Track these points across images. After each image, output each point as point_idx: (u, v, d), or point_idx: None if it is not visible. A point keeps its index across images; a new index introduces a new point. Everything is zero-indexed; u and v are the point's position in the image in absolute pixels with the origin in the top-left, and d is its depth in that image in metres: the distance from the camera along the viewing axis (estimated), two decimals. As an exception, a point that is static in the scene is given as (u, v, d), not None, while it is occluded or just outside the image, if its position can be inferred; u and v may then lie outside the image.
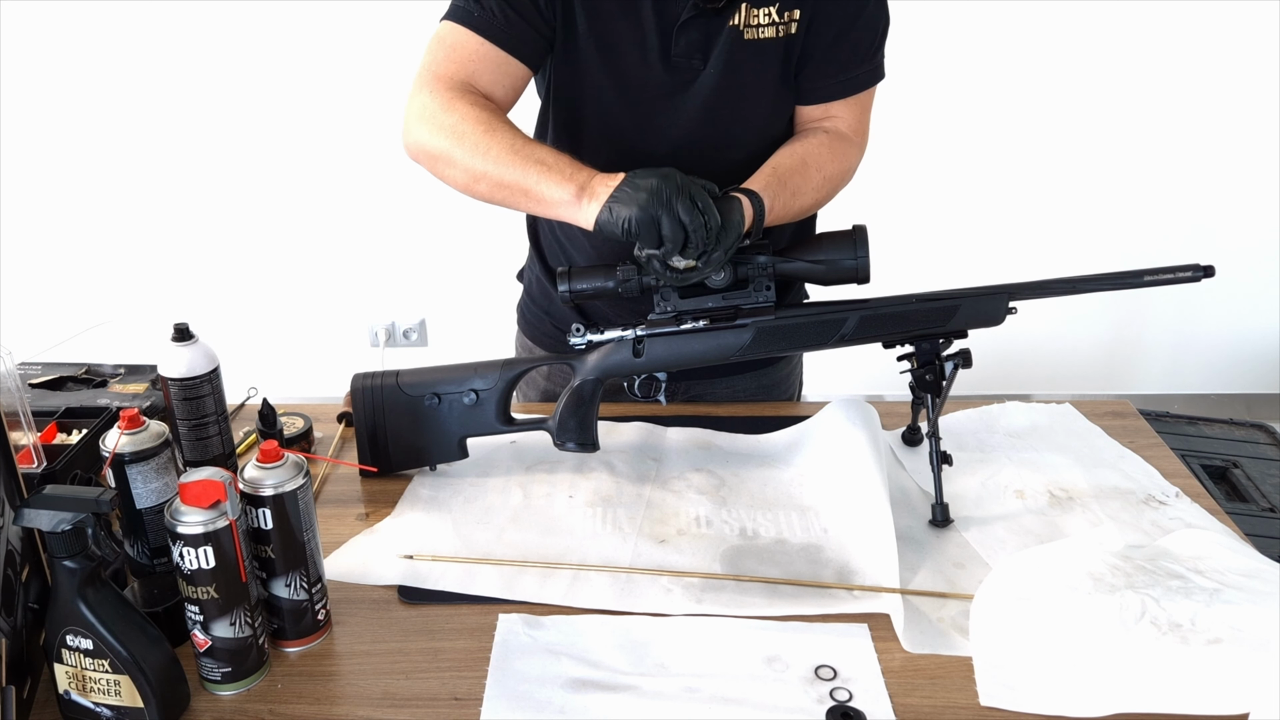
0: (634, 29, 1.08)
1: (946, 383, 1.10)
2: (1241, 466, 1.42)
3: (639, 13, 1.07)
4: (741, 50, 1.08)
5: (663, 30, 1.08)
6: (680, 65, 1.10)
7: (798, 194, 1.12)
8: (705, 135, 1.16)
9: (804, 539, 1.06)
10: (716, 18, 1.07)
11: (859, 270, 1.08)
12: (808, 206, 1.15)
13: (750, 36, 1.08)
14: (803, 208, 1.14)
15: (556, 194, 1.00)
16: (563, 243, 1.31)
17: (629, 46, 1.10)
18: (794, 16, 1.08)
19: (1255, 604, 0.89)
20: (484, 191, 1.05)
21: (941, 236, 2.86)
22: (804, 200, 1.13)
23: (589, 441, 1.13)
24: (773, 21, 1.08)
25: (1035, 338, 2.87)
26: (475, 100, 1.06)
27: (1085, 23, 2.63)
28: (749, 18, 1.07)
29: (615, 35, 1.09)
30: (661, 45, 1.09)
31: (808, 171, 1.13)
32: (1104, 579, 0.93)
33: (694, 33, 1.07)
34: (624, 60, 1.11)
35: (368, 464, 1.16)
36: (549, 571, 1.00)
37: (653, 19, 1.07)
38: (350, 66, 2.66)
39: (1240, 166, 2.79)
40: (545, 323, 1.39)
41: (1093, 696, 0.83)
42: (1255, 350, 3.03)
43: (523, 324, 1.44)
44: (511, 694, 0.85)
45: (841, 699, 0.84)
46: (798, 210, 1.13)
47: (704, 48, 1.08)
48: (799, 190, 1.12)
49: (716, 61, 1.09)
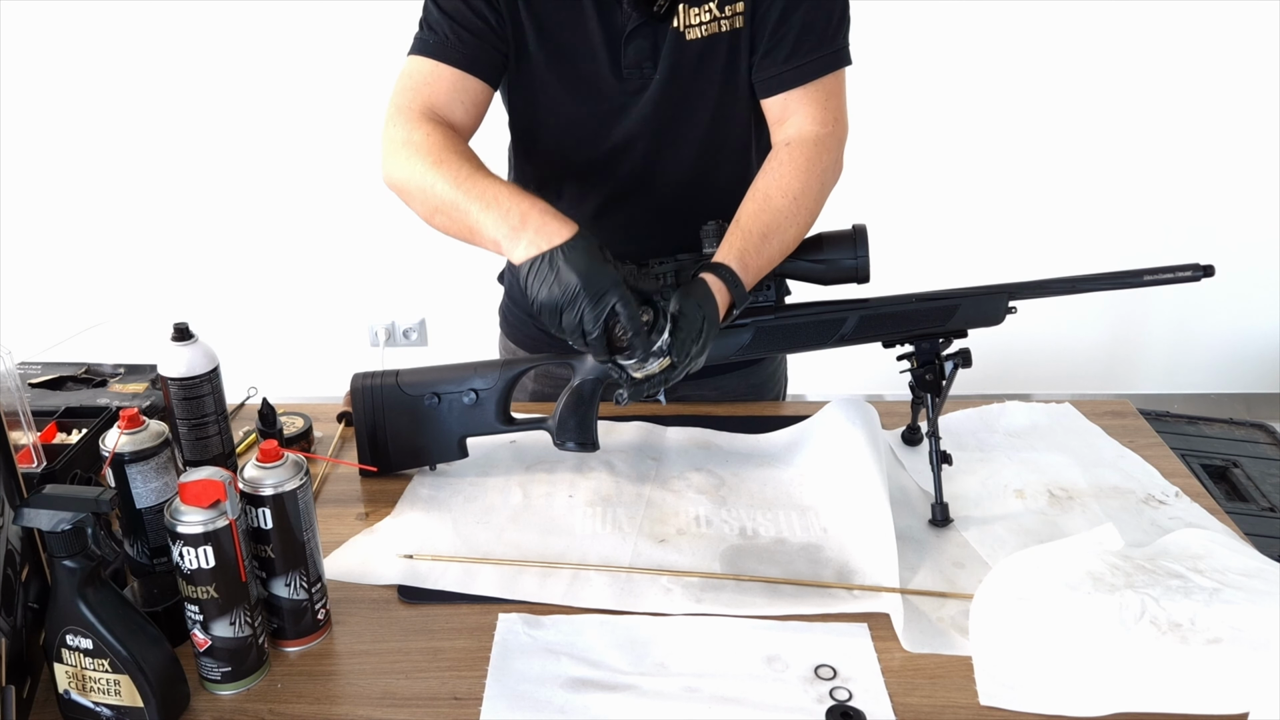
0: (583, 41, 1.08)
1: (946, 382, 1.10)
2: (1241, 466, 1.42)
3: (586, 26, 1.07)
4: (683, 52, 1.07)
5: (610, 41, 1.07)
6: (631, 75, 1.09)
7: (771, 234, 1.06)
8: (654, 140, 1.15)
9: (804, 539, 1.06)
10: (661, 24, 1.06)
11: (859, 270, 1.08)
12: (793, 237, 1.09)
13: (691, 37, 1.06)
14: (787, 241, 1.08)
15: (493, 232, 0.97)
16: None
17: (580, 60, 1.09)
18: (738, 10, 1.05)
19: (1255, 604, 0.89)
20: (442, 225, 1.04)
21: (941, 236, 2.86)
22: (785, 234, 1.07)
23: (589, 441, 1.13)
24: (714, 17, 1.06)
25: (1035, 337, 2.87)
26: (431, 130, 1.06)
27: (1085, 23, 2.64)
28: (688, 18, 1.05)
29: (566, 49, 1.09)
30: (611, 56, 1.08)
31: (773, 204, 1.07)
32: (1104, 579, 0.93)
33: (641, 40, 1.07)
34: (576, 73, 1.10)
35: (368, 464, 1.16)
36: (549, 571, 1.00)
37: (600, 31, 1.07)
38: (350, 66, 2.66)
39: (1240, 166, 2.79)
40: (528, 324, 1.38)
41: (1092, 696, 0.83)
42: (1255, 350, 3.03)
43: (505, 327, 1.44)
44: (511, 694, 0.85)
45: (841, 698, 0.84)
46: (784, 247, 1.08)
47: (652, 55, 1.08)
48: (771, 229, 1.06)
49: (663, 67, 1.08)
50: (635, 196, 1.20)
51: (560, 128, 1.16)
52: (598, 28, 1.07)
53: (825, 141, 1.11)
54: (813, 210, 1.10)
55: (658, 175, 1.16)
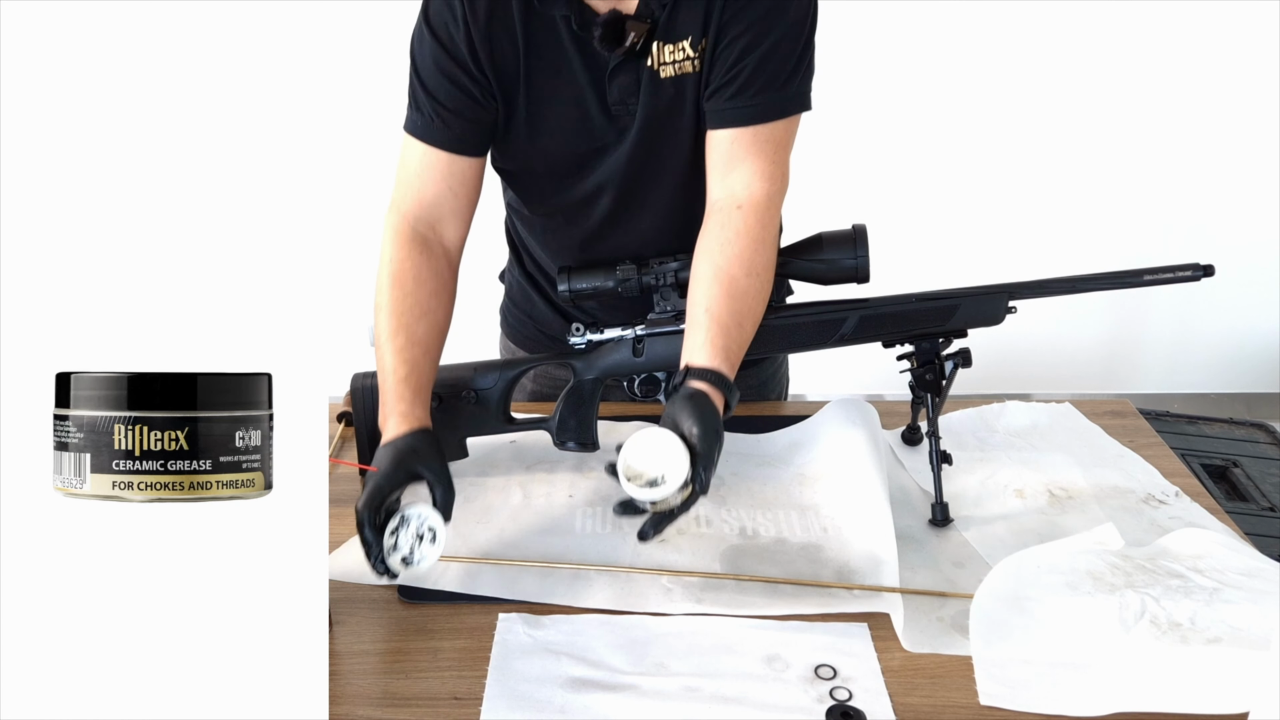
0: (570, 83, 1.07)
1: (946, 382, 1.10)
2: (1241, 466, 1.42)
3: (570, 68, 1.06)
4: (659, 89, 1.06)
5: (595, 80, 1.07)
6: (619, 112, 1.08)
7: (745, 319, 1.02)
8: (634, 179, 1.13)
9: (804, 538, 1.06)
10: (639, 60, 1.05)
11: (859, 270, 1.08)
12: (760, 313, 1.06)
13: (665, 75, 1.05)
14: (757, 319, 1.05)
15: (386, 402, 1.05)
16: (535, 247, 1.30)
17: (567, 101, 1.08)
18: (705, 46, 1.04)
19: (1255, 603, 0.89)
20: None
21: (941, 236, 2.85)
22: (755, 314, 1.04)
23: (589, 441, 1.13)
24: (686, 56, 1.05)
25: (1035, 337, 2.86)
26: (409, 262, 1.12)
27: (1085, 23, 2.63)
28: (662, 54, 1.05)
29: (551, 93, 1.08)
30: (598, 95, 1.07)
31: (739, 286, 1.02)
32: (1104, 578, 0.93)
33: (624, 76, 1.06)
34: (564, 115, 1.09)
35: (368, 464, 1.16)
36: (549, 571, 1.00)
37: (584, 72, 1.06)
38: (349, 66, 2.66)
39: (1240, 166, 2.79)
40: (528, 325, 1.37)
41: (1093, 696, 0.83)
42: (1255, 350, 3.03)
43: (505, 327, 1.43)
44: (511, 693, 0.85)
45: (841, 698, 0.84)
46: (755, 327, 1.05)
47: (635, 90, 1.07)
48: (744, 314, 1.02)
49: (643, 103, 1.07)
50: (619, 229, 1.19)
51: (546, 168, 1.15)
52: (581, 68, 1.06)
53: (775, 200, 1.07)
54: (771, 279, 1.06)
55: (642, 210, 1.15)
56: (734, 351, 1.00)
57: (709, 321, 1.00)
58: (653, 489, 0.85)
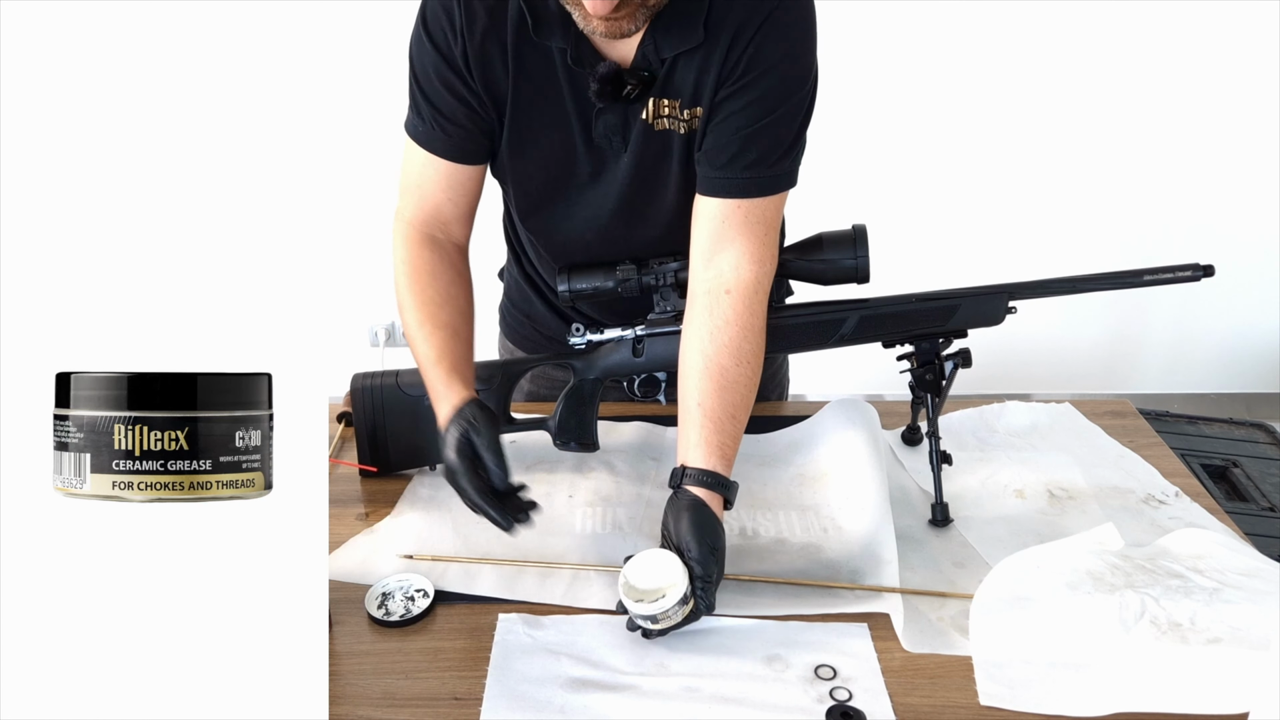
0: (559, 115, 1.08)
1: (946, 382, 1.10)
2: (1241, 466, 1.42)
3: (559, 95, 1.07)
4: (649, 139, 1.07)
5: (582, 113, 1.08)
6: (602, 146, 1.09)
7: (738, 412, 1.02)
8: (623, 218, 1.14)
9: (804, 539, 1.06)
10: (631, 105, 1.06)
11: (859, 270, 1.08)
12: (751, 400, 1.05)
13: (660, 128, 1.07)
14: (749, 409, 1.04)
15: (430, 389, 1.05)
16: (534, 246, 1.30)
17: (554, 131, 1.10)
18: (696, 114, 1.05)
19: (1255, 604, 0.89)
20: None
21: (941, 236, 2.85)
22: (748, 403, 1.04)
23: (589, 441, 1.13)
24: (675, 116, 1.06)
25: (1035, 337, 2.87)
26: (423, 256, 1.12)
27: (1085, 23, 2.64)
28: (658, 109, 1.06)
29: (540, 122, 1.09)
30: (583, 129, 1.08)
31: (729, 377, 1.02)
32: (1104, 578, 0.93)
33: (611, 116, 1.07)
34: (550, 143, 1.11)
35: (367, 464, 1.16)
36: (549, 571, 1.00)
37: (572, 102, 1.07)
38: (349, 66, 2.66)
39: (1240, 166, 2.79)
40: (526, 325, 1.37)
41: (1093, 696, 0.83)
42: (1255, 350, 3.03)
43: (503, 326, 1.43)
44: (511, 693, 0.85)
45: (841, 698, 0.84)
46: (745, 415, 1.03)
47: (622, 131, 1.08)
48: (738, 407, 1.02)
49: (633, 146, 1.08)
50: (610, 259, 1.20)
51: (529, 189, 1.16)
52: (570, 98, 1.07)
53: (763, 285, 1.06)
54: (761, 365, 1.05)
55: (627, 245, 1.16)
56: (729, 447, 1.00)
57: (702, 418, 0.99)
58: (652, 605, 0.87)
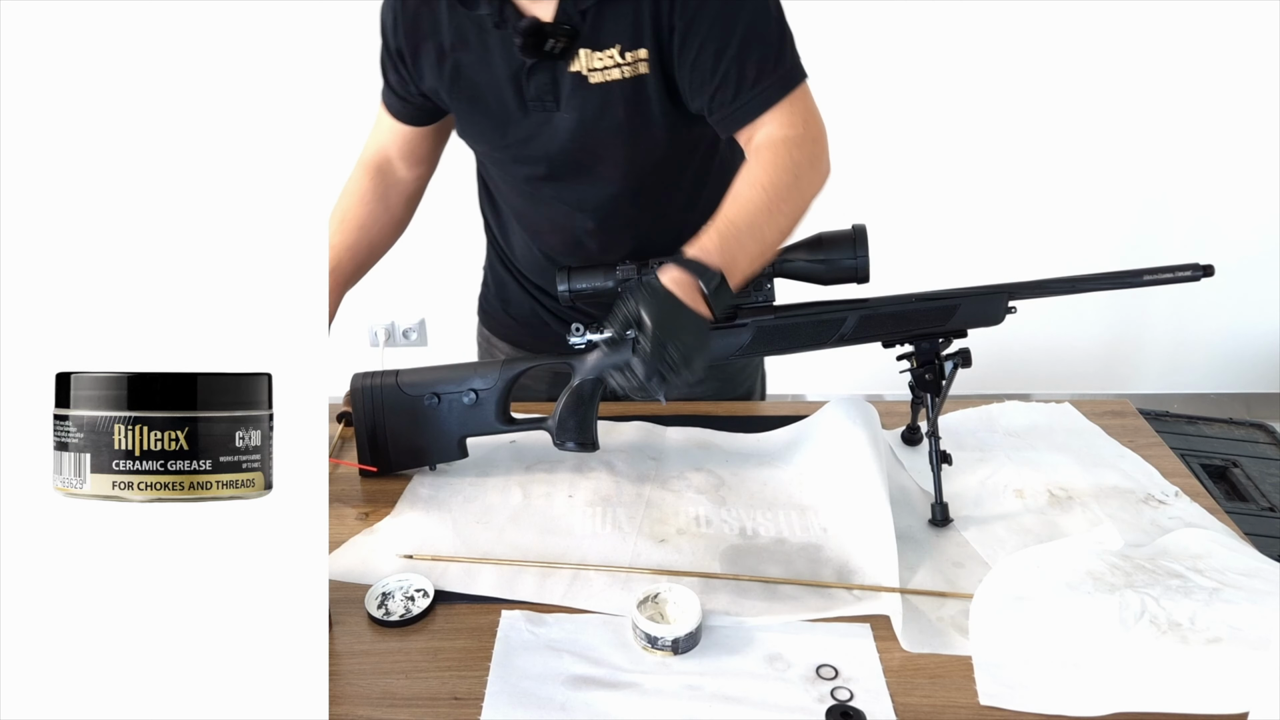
0: (491, 79, 1.13)
1: (946, 382, 1.10)
2: (1241, 466, 1.42)
3: (492, 65, 1.12)
4: (588, 93, 1.09)
5: (514, 77, 1.12)
6: (535, 108, 1.13)
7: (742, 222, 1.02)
8: (571, 171, 1.18)
9: (804, 538, 1.06)
10: (560, 62, 1.09)
11: (859, 270, 1.08)
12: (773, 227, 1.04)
13: (595, 80, 1.08)
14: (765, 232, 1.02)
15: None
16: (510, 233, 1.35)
17: (489, 96, 1.14)
18: (639, 56, 1.07)
19: (1255, 603, 0.89)
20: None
21: (941, 236, 2.85)
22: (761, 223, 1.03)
23: (589, 441, 1.13)
24: (616, 64, 1.08)
25: (1035, 337, 2.86)
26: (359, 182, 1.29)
27: (1085, 23, 2.63)
28: (591, 62, 1.08)
29: (477, 88, 1.15)
30: (515, 90, 1.12)
31: (743, 197, 1.03)
32: (1104, 578, 0.93)
33: (541, 76, 1.10)
34: (488, 108, 1.16)
35: (367, 464, 1.16)
36: (549, 571, 1.00)
37: (504, 67, 1.11)
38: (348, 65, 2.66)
39: (1240, 166, 2.79)
40: (501, 313, 1.43)
41: (1092, 696, 0.83)
42: (1255, 350, 3.03)
43: (481, 315, 1.49)
44: (513, 690, 0.85)
45: (842, 698, 0.84)
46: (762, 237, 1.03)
47: (554, 90, 1.11)
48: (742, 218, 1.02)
49: (567, 104, 1.11)
50: (572, 222, 1.24)
51: (486, 151, 1.24)
52: (503, 64, 1.11)
53: (795, 139, 1.07)
54: (793, 204, 1.05)
55: (588, 204, 1.21)
56: (713, 240, 0.99)
57: (705, 227, 1.01)
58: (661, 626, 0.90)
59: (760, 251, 1.03)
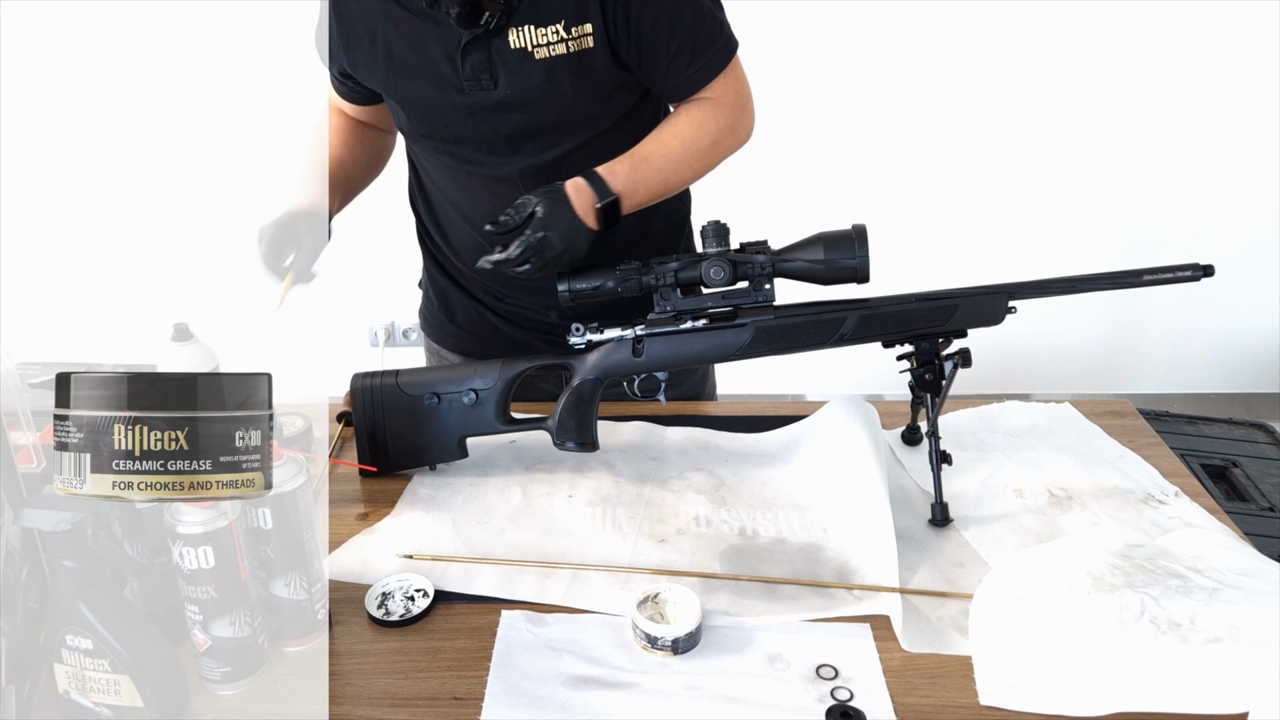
0: (426, 60, 1.14)
1: (946, 382, 1.10)
2: (1241, 466, 1.42)
3: (426, 45, 1.13)
4: (531, 68, 1.11)
5: (449, 56, 1.12)
6: (471, 87, 1.14)
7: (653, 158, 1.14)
8: (514, 149, 1.19)
9: (803, 538, 1.06)
10: (497, 39, 1.10)
11: (859, 269, 1.08)
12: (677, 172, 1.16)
13: (540, 56, 1.10)
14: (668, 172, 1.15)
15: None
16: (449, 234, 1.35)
17: (424, 77, 1.15)
18: (585, 31, 1.09)
19: (1254, 603, 0.89)
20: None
21: (941, 236, 2.85)
22: (667, 165, 1.15)
23: (589, 441, 1.13)
24: (561, 38, 1.10)
25: (1035, 337, 2.87)
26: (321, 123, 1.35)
27: (1085, 23, 2.63)
28: (536, 37, 1.10)
29: (411, 69, 1.15)
30: (451, 69, 1.13)
31: (660, 137, 1.15)
32: (1103, 578, 0.93)
33: (476, 55, 1.11)
34: (424, 89, 1.16)
35: (367, 464, 1.16)
36: (548, 571, 1.00)
37: (439, 48, 1.12)
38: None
39: (1240, 166, 2.79)
40: (447, 325, 1.41)
41: (1092, 696, 0.83)
42: (1254, 350, 3.03)
43: (426, 328, 1.46)
44: (513, 690, 0.85)
45: (842, 698, 0.84)
46: (665, 176, 1.15)
47: (490, 69, 1.12)
48: (653, 155, 1.14)
49: (506, 81, 1.12)
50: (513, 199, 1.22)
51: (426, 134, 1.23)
52: (437, 47, 1.12)
53: (719, 103, 1.17)
54: (704, 161, 1.17)
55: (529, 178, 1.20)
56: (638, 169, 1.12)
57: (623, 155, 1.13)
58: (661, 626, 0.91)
59: (661, 192, 1.16)
